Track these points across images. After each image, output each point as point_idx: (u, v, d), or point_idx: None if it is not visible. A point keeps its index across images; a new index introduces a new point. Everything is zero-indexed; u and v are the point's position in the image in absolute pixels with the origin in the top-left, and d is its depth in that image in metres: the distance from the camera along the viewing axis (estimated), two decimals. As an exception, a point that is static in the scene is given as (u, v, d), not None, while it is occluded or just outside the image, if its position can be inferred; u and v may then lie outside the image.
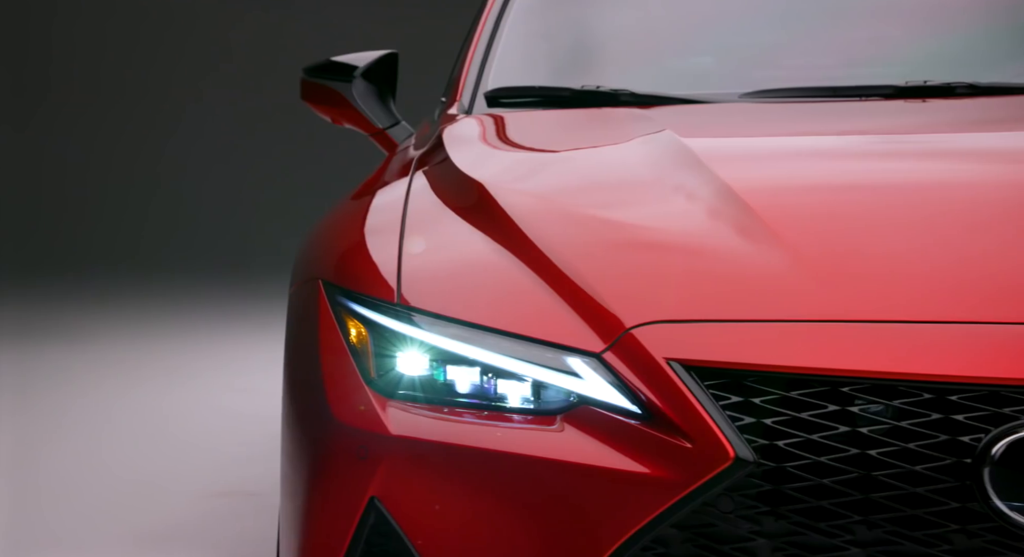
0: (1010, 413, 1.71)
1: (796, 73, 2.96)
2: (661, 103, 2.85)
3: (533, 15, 3.27)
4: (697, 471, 1.80)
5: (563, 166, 2.47)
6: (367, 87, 3.24)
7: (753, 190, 2.13)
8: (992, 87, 2.77)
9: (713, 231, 2.02)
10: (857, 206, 2.09)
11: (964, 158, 2.37)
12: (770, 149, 2.51)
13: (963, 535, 1.73)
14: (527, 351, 1.91)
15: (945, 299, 1.83)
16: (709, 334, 1.84)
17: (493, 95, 3.00)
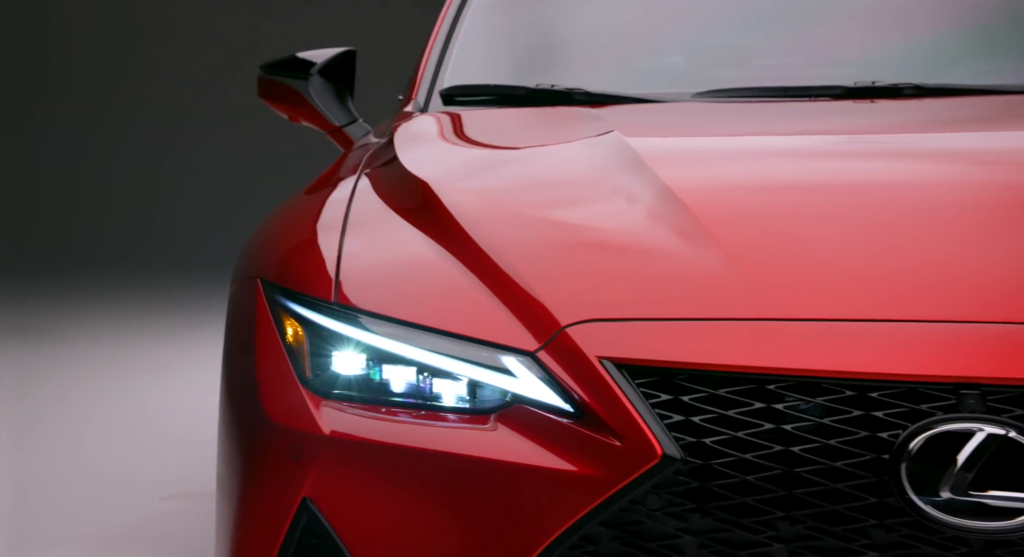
0: (927, 409, 1.74)
1: (748, 73, 2.99)
2: (615, 102, 2.89)
3: (491, 14, 3.29)
4: (625, 469, 1.82)
5: (508, 165, 2.50)
6: (324, 84, 3.25)
7: (692, 190, 2.16)
8: (938, 88, 2.80)
9: (650, 231, 2.05)
10: (795, 206, 2.13)
11: (906, 158, 2.40)
12: (714, 149, 2.54)
13: (881, 529, 1.76)
14: (462, 350, 1.93)
15: (871, 298, 1.85)
16: (641, 333, 1.86)
17: (448, 93, 3.03)
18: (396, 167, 2.43)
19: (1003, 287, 1.83)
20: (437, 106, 3.02)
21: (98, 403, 5.14)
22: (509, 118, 2.89)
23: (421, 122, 2.86)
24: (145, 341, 6.38)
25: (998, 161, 2.35)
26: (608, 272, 1.98)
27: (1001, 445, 1.71)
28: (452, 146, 2.72)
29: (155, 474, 4.05)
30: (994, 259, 1.91)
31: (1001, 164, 2.33)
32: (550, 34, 3.28)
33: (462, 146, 2.74)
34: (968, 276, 1.87)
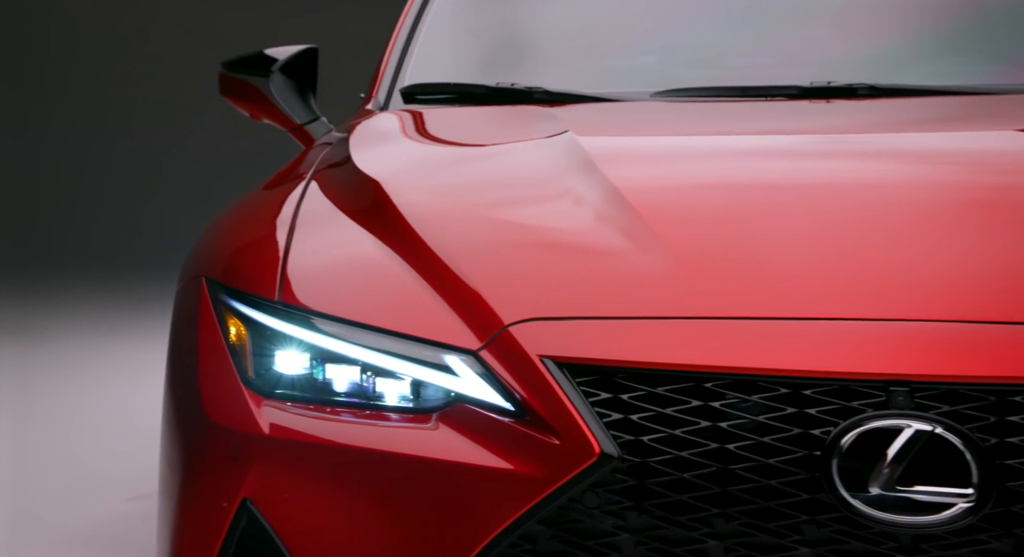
0: (858, 406, 1.76)
1: (708, 73, 3.00)
2: (574, 101, 2.90)
3: (454, 12, 3.31)
4: (564, 468, 1.83)
5: (460, 165, 2.51)
6: (286, 82, 3.25)
7: (639, 190, 2.17)
8: (892, 89, 2.82)
9: (596, 232, 2.06)
10: (740, 205, 2.14)
11: (855, 159, 2.41)
12: (665, 149, 2.56)
13: (813, 525, 1.77)
14: (405, 349, 1.94)
15: (807, 296, 1.87)
16: (582, 332, 1.87)
17: (409, 91, 3.04)
18: (349, 166, 2.45)
19: (937, 285, 1.85)
20: (398, 104, 3.03)
21: (78, 403, 5.16)
22: (467, 117, 2.90)
23: (379, 120, 2.87)
24: (129, 341, 6.38)
25: (945, 161, 2.37)
26: (552, 272, 1.99)
27: (928, 441, 1.73)
28: (407, 145, 2.74)
29: (126, 474, 4.07)
30: (930, 258, 1.92)
31: (947, 164, 2.35)
32: (512, 33, 3.30)
33: (417, 145, 2.75)
34: (904, 275, 1.88)
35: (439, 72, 3.10)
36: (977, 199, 2.12)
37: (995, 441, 1.72)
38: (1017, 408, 1.71)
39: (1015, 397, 1.71)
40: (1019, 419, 1.71)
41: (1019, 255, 1.89)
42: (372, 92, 3.10)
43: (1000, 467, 1.71)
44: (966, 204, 2.09)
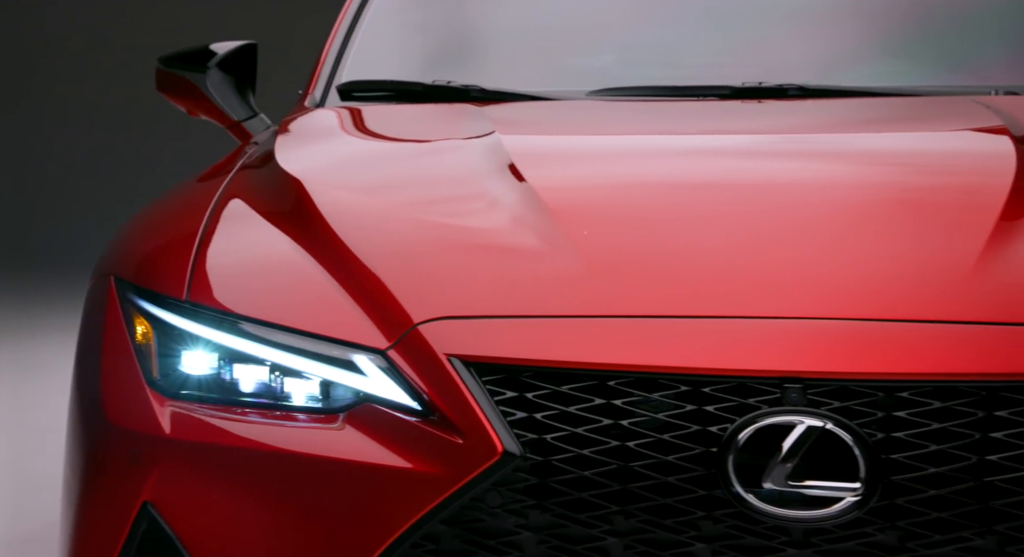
0: (754, 403, 1.79)
1: (645, 72, 3.03)
2: (510, 99, 2.92)
3: (394, 9, 3.32)
4: (466, 467, 1.85)
5: (382, 163, 2.53)
6: (223, 78, 3.26)
7: (555, 190, 2.20)
8: (821, 89, 2.85)
9: (509, 231, 2.09)
10: (656, 205, 2.17)
11: (776, 158, 2.45)
12: (589, 148, 2.59)
13: (709, 521, 1.80)
14: (313, 348, 1.95)
15: (709, 295, 1.90)
16: (490, 330, 1.90)
17: (346, 88, 3.05)
18: (271, 164, 2.46)
19: (833, 283, 1.88)
20: (334, 101, 3.04)
21: (37, 403, 5.10)
22: (399, 115, 2.93)
23: (311, 117, 2.89)
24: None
25: (863, 162, 2.41)
26: (464, 271, 2.01)
27: (819, 437, 1.77)
28: (332, 142, 2.75)
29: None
30: (829, 257, 1.95)
31: (864, 165, 2.39)
32: (453, 31, 3.32)
33: (342, 142, 2.77)
34: (802, 273, 1.92)
35: (378, 69, 3.13)
36: (886, 199, 2.16)
37: (882, 436, 1.76)
38: (904, 403, 1.76)
39: (903, 393, 1.75)
40: (905, 414, 1.75)
41: (915, 255, 1.93)
42: (309, 89, 3.12)
43: (886, 461, 1.77)
44: (874, 204, 2.13)
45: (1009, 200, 2.02)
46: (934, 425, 1.76)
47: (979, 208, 2.01)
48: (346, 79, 3.10)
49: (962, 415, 1.75)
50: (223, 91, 3.25)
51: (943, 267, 1.88)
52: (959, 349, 1.77)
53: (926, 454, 1.76)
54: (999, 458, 1.75)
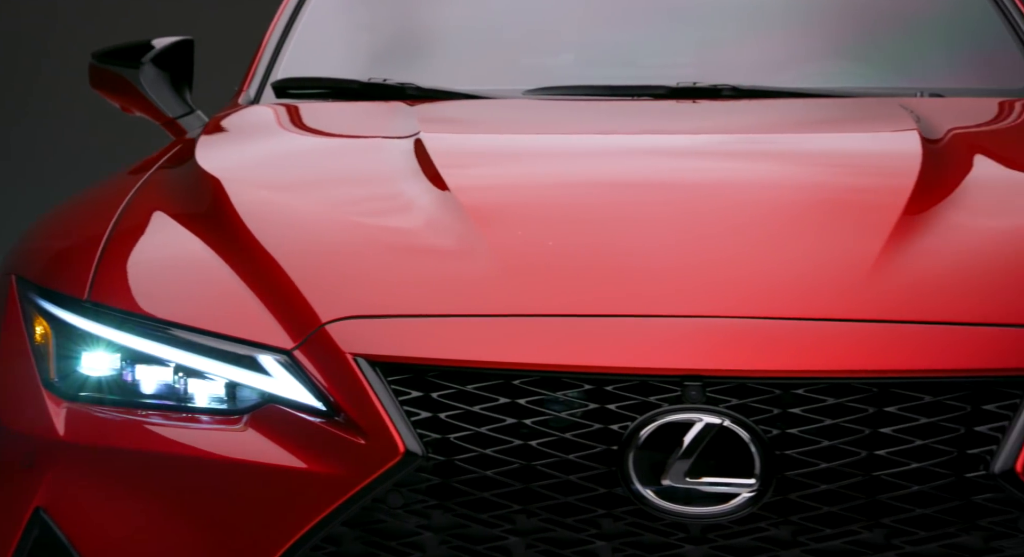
0: (655, 401, 1.83)
1: (582, 71, 3.07)
2: (446, 97, 2.94)
3: (333, 6, 3.32)
4: (368, 467, 1.85)
5: (302, 161, 2.53)
6: (158, 74, 3.21)
7: (472, 190, 2.22)
8: (754, 90, 2.91)
9: (422, 231, 2.10)
10: (570, 204, 2.20)
11: (699, 158, 2.49)
12: (514, 147, 2.62)
13: (610, 519, 1.84)
14: (218, 349, 1.93)
15: (614, 294, 1.93)
16: (397, 330, 1.90)
17: (280, 85, 3.04)
18: (191, 162, 2.44)
19: (734, 282, 1.93)
20: (269, 98, 3.04)
21: None
22: (330, 113, 2.93)
23: (241, 115, 2.89)
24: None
25: (784, 162, 2.47)
26: (375, 271, 2.02)
27: (717, 434, 1.81)
28: (258, 140, 2.74)
29: None
30: (731, 256, 2.00)
31: (785, 165, 2.45)
32: (392, 29, 3.33)
33: (268, 140, 2.76)
34: (706, 272, 1.96)
35: (316, 67, 3.12)
36: (793, 200, 2.21)
37: (777, 432, 1.82)
38: (799, 400, 1.82)
39: (798, 390, 1.81)
40: (800, 411, 1.81)
41: (815, 254, 1.99)
42: (243, 86, 3.12)
43: (780, 457, 1.82)
44: (781, 205, 2.18)
45: (909, 201, 2.10)
46: (827, 421, 1.82)
47: (880, 208, 2.09)
48: (281, 76, 3.10)
49: (854, 411, 1.82)
50: (158, 87, 3.21)
51: (841, 266, 1.95)
52: (853, 346, 1.83)
53: (819, 450, 1.82)
54: (887, 453, 1.82)
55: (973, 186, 2.18)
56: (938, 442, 1.80)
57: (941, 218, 2.04)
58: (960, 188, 2.16)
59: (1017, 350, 1.80)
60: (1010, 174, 2.31)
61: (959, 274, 1.92)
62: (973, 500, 1.81)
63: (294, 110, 2.94)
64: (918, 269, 1.93)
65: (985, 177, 2.23)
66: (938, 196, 2.12)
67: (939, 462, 1.80)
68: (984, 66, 3.05)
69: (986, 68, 3.05)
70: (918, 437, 1.80)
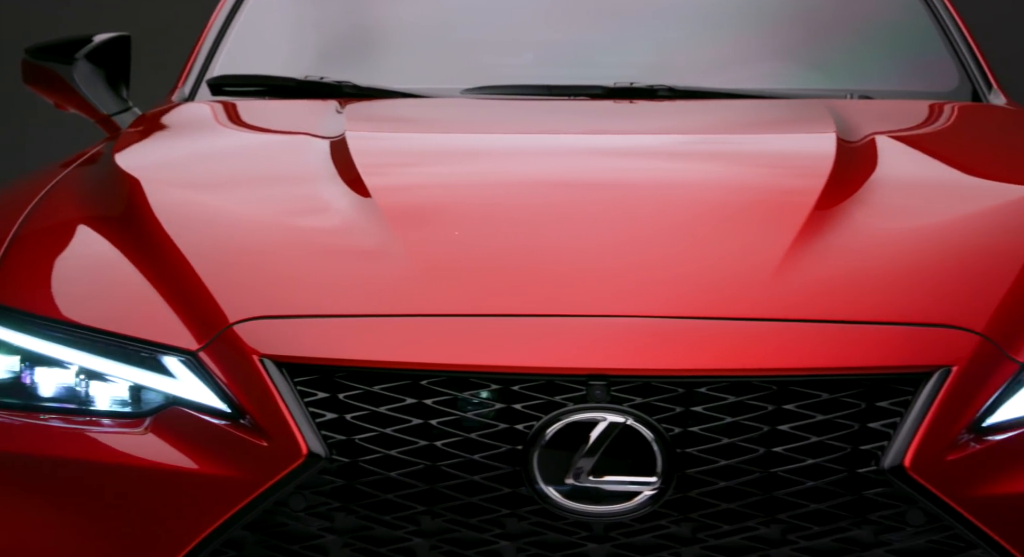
0: (561, 401, 1.85)
1: (522, 71, 3.08)
2: (382, 96, 2.92)
3: (273, 3, 3.28)
4: (270, 470, 1.84)
5: (222, 160, 2.50)
6: (93, 70, 3.14)
7: (390, 190, 2.22)
8: (689, 91, 2.94)
9: (336, 231, 2.09)
10: (488, 204, 2.22)
11: (620, 158, 2.52)
12: (440, 147, 2.62)
13: (514, 519, 1.85)
14: (121, 351, 1.90)
15: (523, 294, 1.94)
16: (304, 330, 1.89)
17: (216, 83, 3.01)
18: (108, 160, 2.40)
19: (639, 282, 1.96)
20: (205, 96, 3.00)
21: None
22: (262, 110, 2.90)
23: (172, 112, 2.85)
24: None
25: (698, 162, 2.51)
26: (286, 271, 2.00)
27: (620, 433, 1.84)
28: (182, 138, 2.70)
29: None
30: (638, 255, 2.02)
31: (698, 166, 2.48)
32: (332, 26, 3.30)
33: (192, 138, 2.72)
34: (614, 272, 1.98)
35: (255, 64, 3.09)
36: (706, 200, 2.24)
37: (679, 431, 1.85)
38: (702, 398, 1.85)
39: (700, 388, 1.85)
40: (702, 409, 1.85)
41: (721, 254, 2.03)
42: (179, 82, 3.08)
43: (682, 455, 1.86)
44: (694, 204, 2.22)
45: (817, 202, 2.16)
46: (728, 419, 1.86)
47: (788, 209, 2.15)
48: (217, 73, 3.07)
49: (754, 409, 1.86)
50: (93, 84, 3.14)
51: (747, 266, 2.00)
52: (754, 345, 1.88)
53: (719, 447, 1.86)
54: (784, 450, 1.86)
55: (880, 187, 2.25)
56: (833, 438, 1.85)
57: (846, 219, 2.11)
58: (867, 189, 2.23)
59: (911, 348, 1.86)
60: (918, 176, 2.39)
61: (860, 274, 1.98)
62: (864, 495, 1.86)
63: (225, 107, 2.92)
64: (821, 269, 1.98)
65: (893, 178, 2.30)
66: (845, 197, 2.18)
67: (833, 458, 1.85)
68: (915, 69, 3.16)
69: (917, 71, 3.15)
70: (814, 434, 1.85)
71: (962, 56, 3.07)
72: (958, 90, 3.04)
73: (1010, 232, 2.08)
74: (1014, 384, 1.86)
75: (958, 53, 3.08)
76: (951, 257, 2.01)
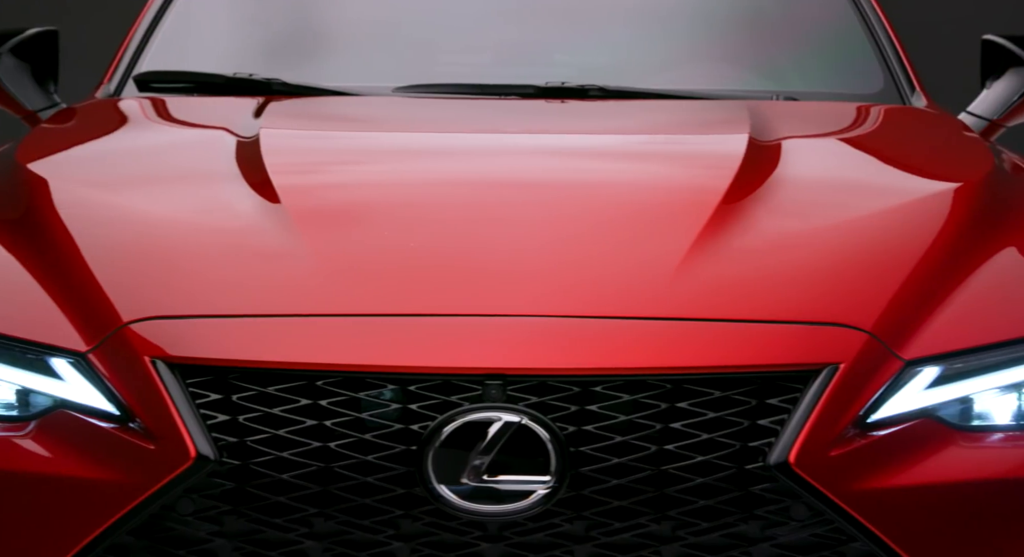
0: (457, 400, 1.84)
1: (457, 69, 3.04)
2: (312, 93, 2.86)
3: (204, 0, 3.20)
4: (157, 473, 1.80)
5: (131, 158, 2.43)
6: (18, 65, 3.01)
7: (297, 189, 2.18)
8: (620, 91, 2.93)
9: (239, 230, 2.05)
10: (397, 204, 2.19)
11: (537, 157, 2.51)
12: (356, 146, 2.58)
13: (408, 519, 1.84)
14: (7, 352, 1.84)
15: (422, 293, 1.93)
16: (198, 330, 1.85)
17: (143, 79, 2.93)
18: (8, 157, 2.33)
19: (542, 282, 1.96)
20: (131, 92, 2.92)
21: None
22: (183, 107, 2.84)
23: (88, 108, 2.79)
24: None
25: (611, 162, 2.51)
26: (184, 271, 1.96)
27: (516, 432, 1.84)
28: (93, 134, 2.62)
29: None
30: (545, 256, 2.02)
31: (610, 165, 2.48)
32: (265, 23, 3.24)
33: (104, 135, 2.65)
34: (514, 271, 1.98)
35: (187, 61, 3.02)
36: (612, 200, 2.25)
37: (574, 429, 1.86)
38: (597, 397, 1.86)
39: (596, 387, 1.86)
40: (597, 408, 1.86)
41: (621, 254, 2.04)
42: (104, 78, 2.98)
43: (576, 454, 1.86)
44: (600, 205, 2.22)
45: (720, 203, 2.17)
46: (621, 417, 1.87)
47: (691, 209, 2.17)
48: (145, 69, 2.99)
49: (648, 407, 1.87)
50: (18, 79, 3.01)
51: (645, 266, 2.01)
52: (650, 344, 1.89)
53: (612, 445, 1.87)
54: (676, 447, 1.88)
55: (781, 187, 2.28)
56: (724, 436, 1.88)
57: (747, 218, 2.14)
58: (768, 189, 2.26)
59: (801, 346, 1.90)
60: (822, 177, 2.43)
61: (756, 273, 2.01)
62: (752, 491, 1.89)
63: (145, 104, 2.84)
64: (718, 268, 2.01)
65: (795, 178, 2.34)
66: (748, 198, 2.20)
67: (723, 455, 1.88)
68: (843, 71, 3.21)
69: (844, 73, 3.20)
70: (706, 431, 1.88)
71: (888, 59, 3.13)
72: (883, 92, 3.09)
73: (904, 231, 2.14)
74: (898, 381, 1.91)
75: (884, 56, 3.14)
76: (845, 256, 2.06)
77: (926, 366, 1.91)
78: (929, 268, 2.01)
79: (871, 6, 3.27)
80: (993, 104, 2.99)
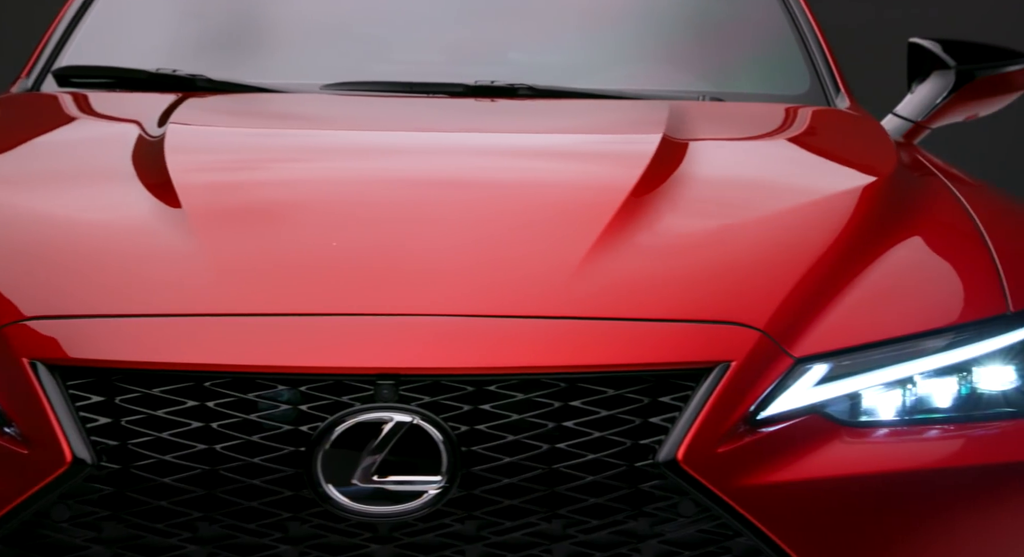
0: (349, 401, 1.80)
1: (388, 67, 2.98)
2: (237, 90, 2.78)
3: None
4: (30, 479, 1.72)
5: (32, 154, 2.36)
6: None
7: (197, 188, 2.11)
8: (549, 90, 2.89)
9: (131, 230, 1.98)
10: (299, 203, 2.13)
11: (449, 155, 2.45)
12: (264, 143, 2.50)
13: (296, 522, 1.79)
14: None
15: (314, 293, 1.88)
16: (79, 331, 1.78)
17: (62, 73, 2.84)
18: None
19: (437, 281, 1.92)
20: (50, 87, 2.82)
21: None
22: (103, 103, 2.76)
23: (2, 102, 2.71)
24: None
25: (525, 159, 2.47)
26: (69, 271, 1.89)
27: (408, 432, 1.80)
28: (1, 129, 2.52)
29: None
30: (443, 255, 1.99)
31: (523, 163, 2.45)
32: (192, 19, 3.13)
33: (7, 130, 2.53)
34: (409, 271, 1.94)
35: (111, 55, 2.92)
36: (526, 199, 2.21)
37: (466, 429, 1.83)
38: (490, 397, 1.84)
39: (490, 386, 1.84)
40: (490, 407, 1.84)
41: (520, 253, 2.01)
42: (23, 72, 2.86)
43: (467, 454, 1.83)
44: (510, 203, 2.18)
45: (624, 202, 2.14)
46: (514, 417, 1.84)
47: (594, 208, 2.14)
48: (65, 63, 2.88)
49: (541, 406, 1.85)
50: None
51: (543, 265, 1.99)
52: (544, 343, 1.87)
53: (504, 445, 1.85)
54: (567, 446, 1.87)
55: (687, 186, 2.27)
56: (616, 434, 1.87)
57: (648, 217, 2.12)
58: (674, 188, 2.24)
59: (694, 344, 1.90)
60: (728, 176, 2.42)
61: (653, 272, 2.01)
62: (641, 488, 1.89)
63: (60, 99, 2.74)
64: (615, 266, 1.99)
65: (702, 177, 2.32)
66: (653, 197, 2.18)
67: (614, 453, 1.87)
68: (770, 72, 3.20)
69: (771, 74, 3.19)
70: (597, 429, 1.87)
71: (815, 61, 3.14)
72: (809, 93, 3.11)
73: (802, 231, 2.15)
74: (788, 378, 1.92)
75: (812, 58, 3.15)
76: (742, 255, 2.06)
77: (815, 363, 1.92)
78: (823, 267, 2.02)
79: (801, 9, 3.30)
80: (918, 106, 3.04)
